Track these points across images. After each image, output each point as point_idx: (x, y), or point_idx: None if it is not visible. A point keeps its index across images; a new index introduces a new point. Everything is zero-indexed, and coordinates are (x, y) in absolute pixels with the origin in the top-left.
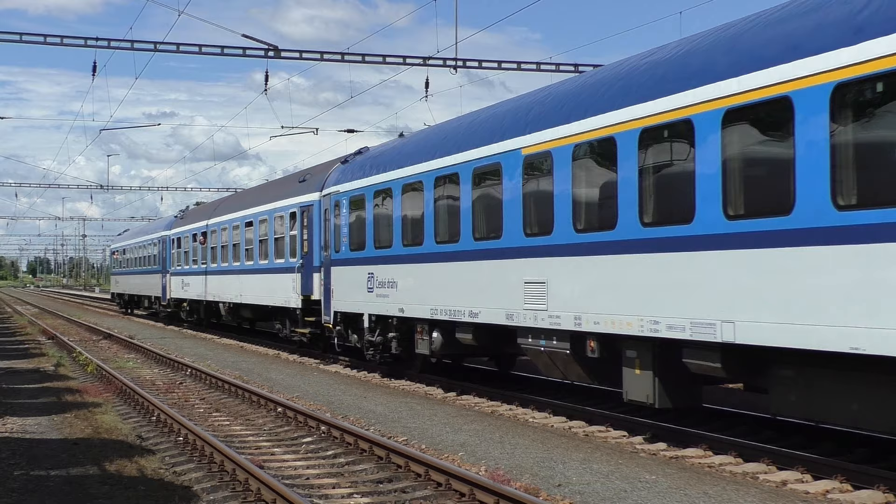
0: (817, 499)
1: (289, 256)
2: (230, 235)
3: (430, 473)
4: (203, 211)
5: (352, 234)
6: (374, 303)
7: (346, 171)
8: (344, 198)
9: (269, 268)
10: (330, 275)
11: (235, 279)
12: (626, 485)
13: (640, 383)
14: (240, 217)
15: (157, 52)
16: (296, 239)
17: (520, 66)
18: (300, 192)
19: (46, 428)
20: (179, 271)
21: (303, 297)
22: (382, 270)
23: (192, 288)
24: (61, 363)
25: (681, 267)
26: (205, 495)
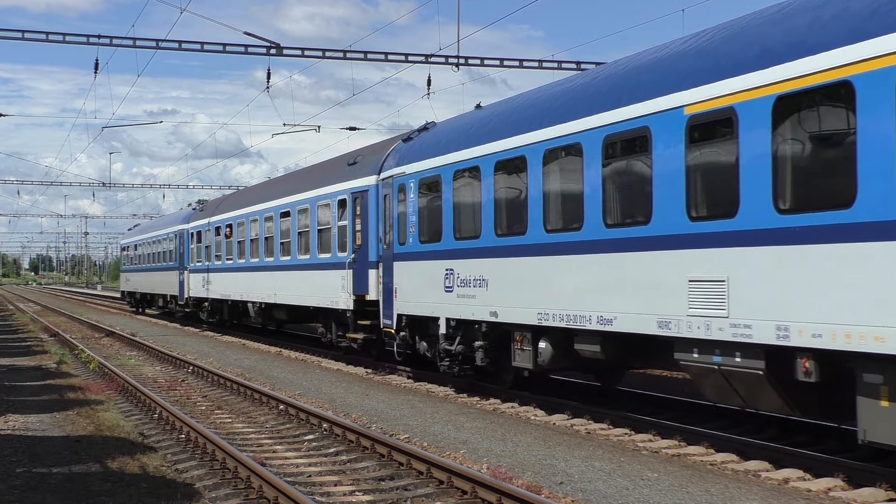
0: (819, 497)
1: (336, 250)
2: (261, 228)
3: (432, 471)
4: (227, 202)
5: (422, 224)
6: (454, 305)
7: (411, 149)
8: (411, 180)
9: (312, 263)
10: (392, 271)
11: (268, 277)
12: (627, 482)
13: (891, 420)
14: (274, 207)
15: (159, 49)
16: (345, 230)
17: (522, 63)
18: (351, 175)
19: (48, 425)
20: (199, 268)
21: (355, 297)
22: (466, 266)
23: (215, 286)
24: (63, 360)
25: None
26: (207, 493)
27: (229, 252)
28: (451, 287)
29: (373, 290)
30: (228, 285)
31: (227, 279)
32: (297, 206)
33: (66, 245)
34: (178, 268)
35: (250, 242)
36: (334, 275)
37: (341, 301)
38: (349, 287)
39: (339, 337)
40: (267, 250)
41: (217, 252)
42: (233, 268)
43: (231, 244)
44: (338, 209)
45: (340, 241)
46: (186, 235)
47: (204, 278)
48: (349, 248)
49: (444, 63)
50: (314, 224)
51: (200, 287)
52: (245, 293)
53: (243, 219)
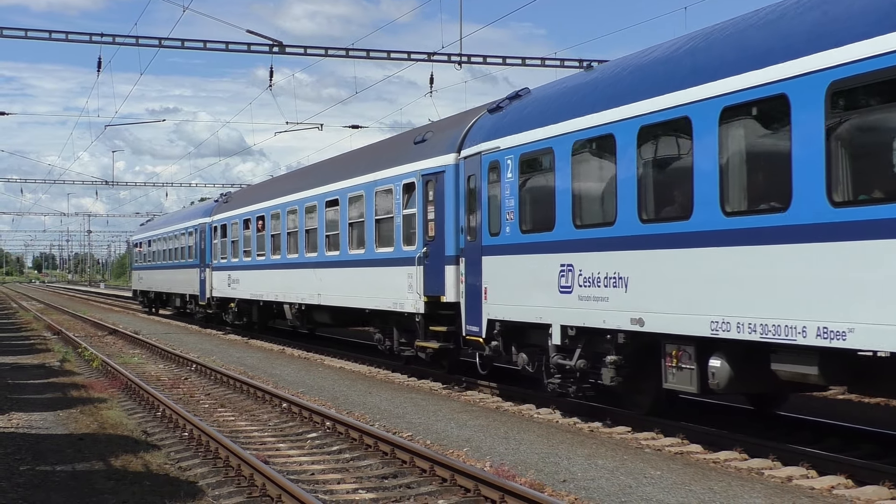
0: (822, 495)
1: (401, 243)
2: (301, 219)
3: (435, 469)
4: (258, 191)
5: (524, 209)
6: (574, 309)
7: (504, 120)
8: (507, 157)
9: (368, 259)
10: (480, 267)
11: (310, 275)
12: (631, 480)
13: None
14: (317, 195)
15: (162, 47)
16: (413, 220)
17: (524, 61)
18: (419, 155)
19: (52, 423)
20: (224, 265)
21: (427, 298)
22: (593, 260)
23: (243, 285)
24: (67, 359)
25: None
26: (210, 490)
27: (261, 247)
28: (569, 287)
29: (450, 290)
30: (260, 284)
31: (258, 277)
32: (347, 193)
33: (69, 243)
34: (198, 265)
35: (287, 236)
36: (398, 272)
37: (408, 303)
38: (419, 287)
39: (401, 345)
40: (308, 245)
41: (246, 247)
42: (265, 265)
43: (263, 238)
44: (402, 195)
45: (406, 232)
46: (209, 230)
47: (229, 276)
48: (419, 241)
49: (446, 61)
50: (371, 213)
51: (225, 286)
52: (281, 293)
53: (279, 209)
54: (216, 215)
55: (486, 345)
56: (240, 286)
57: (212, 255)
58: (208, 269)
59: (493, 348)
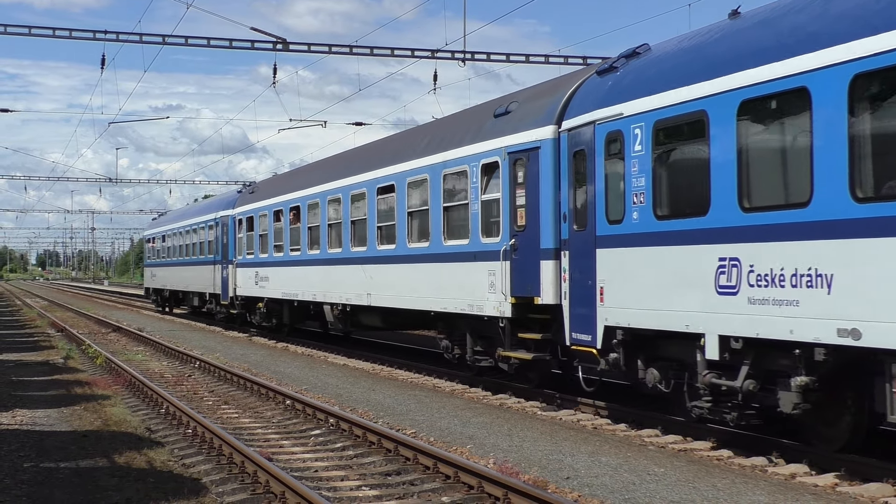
0: (826, 492)
1: (479, 234)
2: (346, 209)
3: (439, 466)
4: (290, 179)
5: (660, 189)
6: (740, 314)
7: (623, 81)
8: (634, 125)
9: (434, 254)
10: (593, 262)
11: (357, 272)
12: (634, 477)
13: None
14: (368, 181)
15: (166, 45)
16: (496, 206)
17: (528, 58)
18: (503, 130)
19: (56, 420)
20: (250, 261)
21: (515, 299)
22: (771, 253)
23: (274, 283)
24: (70, 356)
25: None
26: (213, 487)
27: (295, 241)
28: (733, 287)
29: (547, 290)
30: (293, 282)
31: (291, 274)
32: (406, 177)
33: (72, 240)
34: (219, 261)
35: (328, 228)
36: (476, 269)
37: (489, 305)
38: (504, 286)
39: (478, 354)
40: (355, 238)
41: (277, 241)
42: (301, 260)
43: (298, 231)
44: (481, 178)
45: (486, 221)
46: (231, 223)
47: (257, 273)
48: (504, 232)
49: (450, 58)
50: (437, 200)
51: (251, 284)
52: (320, 292)
53: (317, 198)
54: (240, 207)
55: (600, 357)
56: (269, 284)
57: (235, 250)
58: (231, 266)
59: (610, 361)
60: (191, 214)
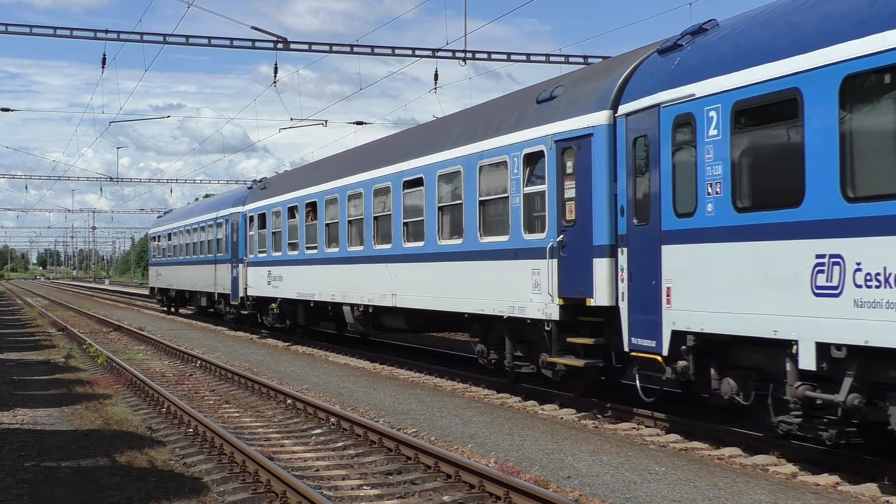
0: (827, 490)
1: (521, 230)
2: (368, 204)
3: (440, 465)
4: (306, 174)
5: (739, 178)
6: (845, 318)
7: (691, 59)
8: (709, 107)
9: (469, 252)
10: (657, 260)
11: (381, 271)
12: (635, 476)
13: None
14: (392, 175)
15: (167, 44)
16: (540, 200)
17: (529, 57)
18: (548, 116)
19: (57, 419)
20: (262, 260)
21: (563, 300)
22: (885, 248)
23: (288, 283)
24: (71, 355)
25: None
26: (215, 487)
27: (312, 239)
28: (835, 287)
29: (602, 290)
30: (310, 282)
31: (307, 274)
32: (436, 170)
33: (73, 240)
34: (229, 260)
35: (348, 225)
36: (518, 268)
37: (532, 307)
38: (551, 286)
39: (518, 360)
40: (379, 235)
41: (292, 239)
42: (317, 259)
43: (315, 228)
44: (523, 169)
45: (529, 216)
46: (242, 220)
47: (269, 273)
48: (550, 227)
49: (451, 57)
50: (472, 194)
51: (264, 284)
52: (339, 292)
53: (336, 194)
54: (251, 203)
55: (666, 365)
56: (283, 284)
57: (246, 248)
58: (241, 265)
59: (678, 370)
60: (198, 212)
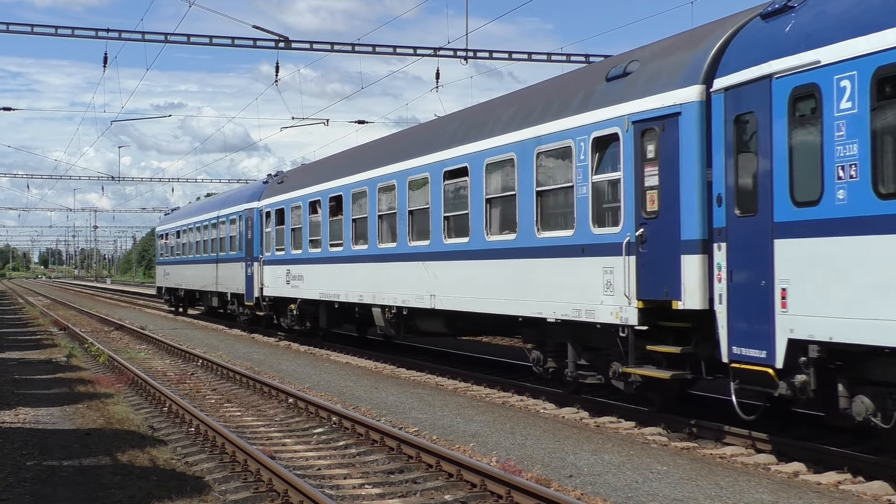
0: (829, 490)
1: (590, 224)
2: (402, 198)
3: (441, 464)
4: (329, 166)
5: (881, 158)
6: None
7: (808, 20)
8: (840, 76)
9: (524, 248)
10: (768, 256)
11: (417, 270)
12: (637, 475)
13: None
14: (430, 165)
15: (168, 43)
16: (612, 190)
17: (531, 56)
18: (622, 94)
19: (59, 418)
20: (280, 258)
21: (643, 303)
22: None
23: (309, 282)
24: (73, 354)
25: None
26: (217, 486)
27: (336, 235)
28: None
29: (693, 291)
30: (334, 281)
31: (331, 273)
32: (483, 158)
33: (75, 239)
34: (243, 258)
35: (379, 220)
36: (585, 266)
37: (603, 310)
38: (627, 286)
39: (582, 369)
40: (414, 230)
41: (314, 236)
42: (343, 257)
43: (340, 224)
44: (592, 154)
45: (598, 207)
46: (257, 216)
47: (288, 272)
48: (626, 219)
49: (452, 56)
50: (528, 184)
51: (282, 283)
52: (368, 293)
53: (364, 186)
54: (268, 199)
55: (779, 379)
56: (304, 283)
57: (262, 246)
58: (257, 264)
59: (797, 385)
60: (209, 208)
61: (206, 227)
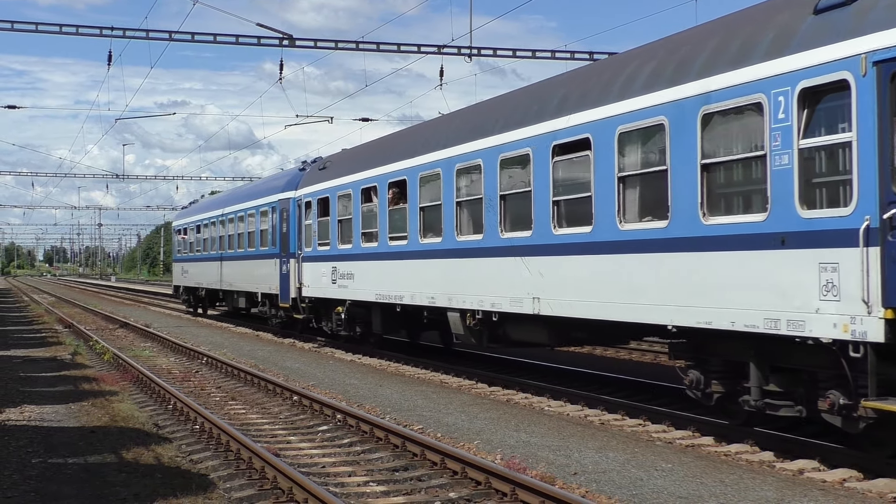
0: (834, 487)
1: (795, 204)
2: (490, 181)
3: (446, 462)
4: (386, 147)
5: None
6: None
7: None
8: None
9: (676, 238)
10: None
11: (514, 267)
12: (642, 473)
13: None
14: (531, 139)
15: (172, 41)
16: (834, 157)
17: (535, 54)
18: (847, 29)
19: (64, 416)
20: (324, 254)
21: (892, 312)
22: None
23: (361, 281)
24: (78, 352)
25: None
26: (221, 483)
27: (398, 227)
28: None
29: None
30: (395, 281)
31: (391, 271)
32: (614, 127)
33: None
34: (276, 254)
35: (456, 208)
36: (786, 259)
37: (820, 320)
38: (866, 288)
39: (771, 396)
40: (508, 219)
41: (367, 228)
42: (408, 252)
43: (403, 213)
44: (797, 111)
45: (807, 181)
46: (293, 207)
47: (334, 269)
48: (862, 197)
49: (456, 54)
50: (689, 155)
51: (326, 283)
52: (442, 294)
53: (438, 168)
54: (307, 187)
55: None
56: (354, 283)
57: (300, 240)
58: (293, 260)
59: None
60: (235, 200)
61: (231, 221)
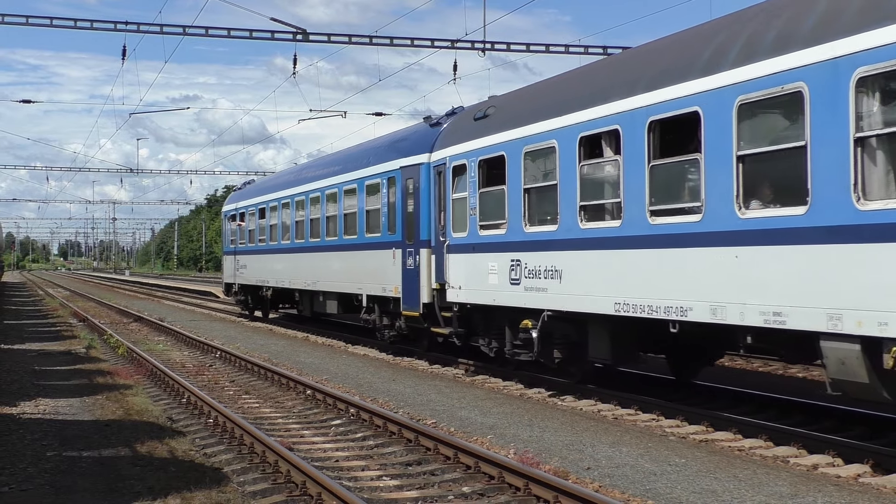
0: (848, 483)
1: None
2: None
3: (459, 456)
4: (587, 79)
5: None
6: None
7: None
8: None
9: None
10: None
11: None
12: (655, 468)
13: None
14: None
15: (186, 35)
16: None
17: (548, 48)
18: None
19: (78, 409)
20: (490, 241)
21: None
22: None
23: (573, 283)
24: (92, 345)
25: None
26: (235, 477)
27: (672, 192)
28: None
29: None
30: (661, 281)
31: (646, 265)
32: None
33: (94, 231)
34: (397, 242)
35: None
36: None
37: None
38: None
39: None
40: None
41: (591, 199)
42: (690, 236)
43: (682, 170)
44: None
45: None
46: (426, 177)
47: (516, 264)
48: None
49: (470, 48)
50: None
51: (495, 282)
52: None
53: (768, 92)
54: (450, 147)
55: None
56: (561, 285)
57: (439, 222)
58: (426, 251)
59: None
60: (324, 173)
61: (316, 201)
